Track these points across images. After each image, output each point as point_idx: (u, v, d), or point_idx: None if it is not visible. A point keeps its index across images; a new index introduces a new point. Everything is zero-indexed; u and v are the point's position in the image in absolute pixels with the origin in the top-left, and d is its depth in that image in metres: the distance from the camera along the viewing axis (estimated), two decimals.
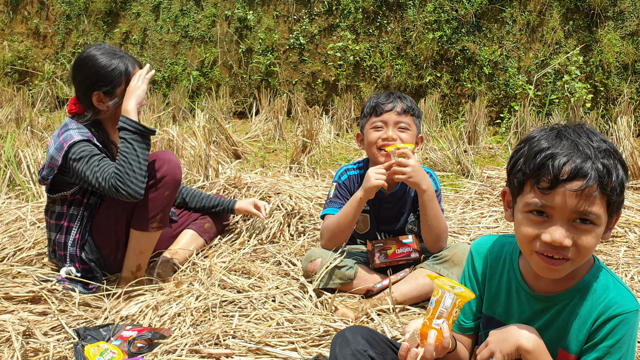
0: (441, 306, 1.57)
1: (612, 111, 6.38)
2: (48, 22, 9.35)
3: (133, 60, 2.84)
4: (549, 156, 1.43)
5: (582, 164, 1.40)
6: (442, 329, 1.56)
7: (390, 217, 2.92)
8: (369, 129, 2.85)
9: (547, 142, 1.46)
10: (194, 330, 2.35)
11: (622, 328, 1.51)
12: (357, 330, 1.79)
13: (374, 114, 2.85)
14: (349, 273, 2.73)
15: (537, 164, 1.44)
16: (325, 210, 2.90)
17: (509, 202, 1.61)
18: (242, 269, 2.96)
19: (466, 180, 4.81)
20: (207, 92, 7.93)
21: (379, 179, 2.64)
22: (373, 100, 2.88)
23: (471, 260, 1.81)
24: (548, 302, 1.62)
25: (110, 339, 2.31)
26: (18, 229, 3.38)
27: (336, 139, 6.45)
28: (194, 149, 4.51)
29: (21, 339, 2.26)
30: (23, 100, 7.74)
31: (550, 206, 1.43)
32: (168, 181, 2.77)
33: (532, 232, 1.48)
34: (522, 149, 1.52)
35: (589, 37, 6.53)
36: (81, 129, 2.76)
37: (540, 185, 1.44)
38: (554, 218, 1.44)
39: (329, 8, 7.45)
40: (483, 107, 6.27)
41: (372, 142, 2.82)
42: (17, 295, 2.65)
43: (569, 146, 1.43)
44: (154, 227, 2.79)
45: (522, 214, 1.50)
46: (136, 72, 2.80)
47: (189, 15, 8.21)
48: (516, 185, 1.51)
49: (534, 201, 1.46)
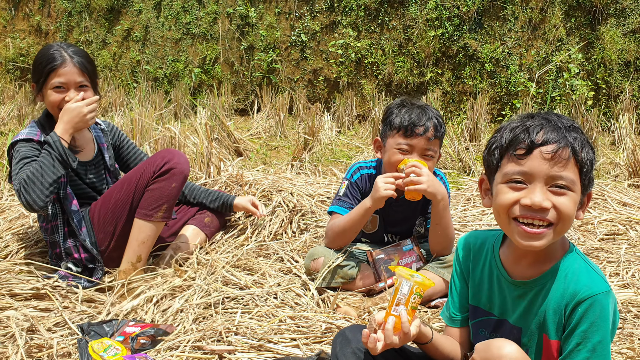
0: (399, 294, 1.66)
1: (613, 109, 6.38)
2: (50, 19, 9.35)
3: (70, 54, 2.80)
4: (524, 128, 1.54)
5: (554, 132, 1.51)
6: (401, 314, 1.63)
7: (400, 219, 2.91)
8: (393, 148, 2.69)
9: (519, 122, 1.58)
10: (196, 327, 2.36)
11: (593, 311, 1.53)
12: (358, 329, 1.82)
13: (402, 133, 2.67)
14: (352, 272, 2.73)
15: (513, 136, 1.54)
16: (333, 207, 2.87)
17: (487, 189, 1.68)
18: (244, 265, 2.97)
19: (467, 178, 4.82)
20: (208, 90, 7.93)
21: (388, 189, 2.60)
22: (405, 116, 2.67)
23: (457, 255, 1.87)
24: (525, 287, 1.66)
25: (113, 335, 2.33)
26: (21, 226, 3.40)
27: (338, 136, 6.45)
28: (196, 146, 4.52)
29: (25, 335, 2.28)
30: (25, 98, 7.74)
31: (528, 172, 1.51)
32: (176, 173, 2.82)
33: (511, 198, 1.54)
34: (495, 135, 1.63)
35: (591, 35, 6.53)
36: (33, 127, 2.81)
37: (516, 153, 1.53)
38: (531, 183, 1.52)
39: (330, 5, 7.45)
40: (485, 104, 6.27)
41: (394, 164, 2.68)
42: (22, 291, 2.66)
43: (541, 120, 1.55)
44: (159, 217, 2.82)
45: (501, 184, 1.57)
46: (65, 68, 2.77)
47: (190, 13, 8.21)
48: (494, 164, 1.59)
49: (512, 169, 1.54)
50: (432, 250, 2.78)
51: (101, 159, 3.06)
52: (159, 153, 2.90)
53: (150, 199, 2.80)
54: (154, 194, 2.80)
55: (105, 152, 3.08)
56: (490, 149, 1.62)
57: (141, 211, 2.81)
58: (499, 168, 1.58)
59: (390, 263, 2.76)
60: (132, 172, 2.90)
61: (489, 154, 1.62)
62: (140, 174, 2.83)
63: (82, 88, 2.81)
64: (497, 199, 1.58)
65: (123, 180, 2.89)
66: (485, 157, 1.65)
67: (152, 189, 2.80)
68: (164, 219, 2.86)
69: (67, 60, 2.77)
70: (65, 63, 2.76)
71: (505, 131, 1.58)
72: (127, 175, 2.90)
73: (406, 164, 2.62)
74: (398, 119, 2.69)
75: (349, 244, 2.86)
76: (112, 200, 2.85)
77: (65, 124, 2.70)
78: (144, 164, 2.88)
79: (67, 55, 2.78)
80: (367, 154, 5.65)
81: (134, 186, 2.82)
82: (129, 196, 2.82)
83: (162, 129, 5.19)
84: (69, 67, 2.77)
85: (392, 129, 2.71)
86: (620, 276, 2.93)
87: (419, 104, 2.75)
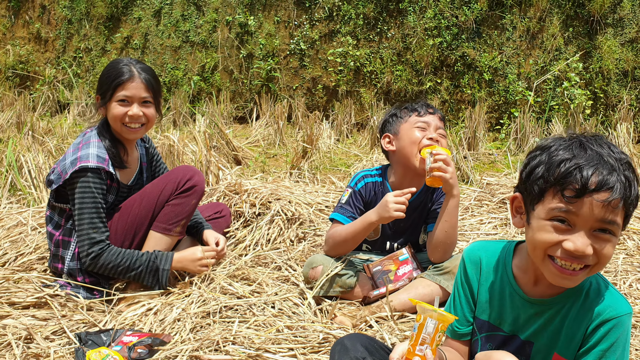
0: (424, 332, 1.58)
1: (611, 118, 6.40)
2: (49, 26, 9.37)
3: (139, 70, 2.85)
4: (576, 166, 1.43)
5: (609, 176, 1.41)
6: (426, 355, 1.57)
7: (404, 228, 2.90)
8: (411, 128, 2.78)
9: (569, 152, 1.46)
10: (193, 336, 2.36)
11: (616, 331, 1.53)
12: (357, 338, 1.81)
13: (415, 114, 2.80)
14: (350, 282, 2.73)
15: (563, 173, 1.44)
16: (335, 215, 2.85)
17: (519, 207, 1.61)
18: (242, 275, 2.97)
19: (466, 187, 4.83)
20: (207, 97, 7.95)
21: (398, 210, 2.59)
22: (412, 105, 2.85)
23: (463, 267, 1.82)
24: (542, 306, 1.64)
25: (111, 344, 2.33)
26: (19, 234, 3.40)
27: (336, 145, 6.46)
28: (195, 154, 4.52)
29: (22, 344, 2.28)
30: (24, 105, 7.75)
31: (575, 214, 1.43)
32: (197, 190, 2.88)
33: (553, 239, 1.47)
34: (539, 156, 1.52)
35: (589, 44, 6.55)
36: (100, 148, 2.79)
37: (565, 194, 1.43)
38: (576, 226, 1.44)
39: (329, 14, 7.47)
40: (483, 113, 6.29)
41: (416, 140, 2.75)
42: (20, 300, 2.66)
43: (594, 157, 1.44)
44: (176, 232, 2.87)
45: (543, 220, 1.49)
46: (133, 82, 2.82)
47: (190, 21, 8.23)
48: (536, 192, 1.50)
49: (558, 206, 1.45)
50: (431, 256, 2.75)
51: (139, 179, 3.07)
52: (178, 169, 2.95)
53: (171, 214, 2.83)
54: (175, 209, 2.83)
55: (145, 172, 3.11)
56: (533, 175, 1.51)
57: (160, 225, 2.84)
58: (541, 200, 1.50)
59: (388, 274, 2.75)
60: (150, 187, 2.91)
61: (530, 179, 1.52)
62: (161, 190, 2.86)
63: (146, 104, 2.86)
64: (537, 235, 1.50)
65: (142, 195, 2.90)
66: (524, 179, 1.56)
67: (173, 204, 2.84)
68: (180, 234, 2.91)
69: (135, 75, 2.82)
70: (133, 78, 2.81)
71: (553, 161, 1.47)
72: (145, 191, 2.91)
73: (435, 149, 2.65)
74: (405, 108, 2.85)
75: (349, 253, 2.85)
76: (131, 215, 2.85)
77: (182, 261, 2.82)
78: (163, 179, 2.90)
79: (136, 70, 2.83)
80: (366, 162, 5.65)
81: (155, 202, 2.85)
82: (149, 211, 2.84)
83: (161, 136, 5.20)
84: (136, 82, 2.82)
85: (404, 117, 2.83)
86: (618, 286, 2.94)
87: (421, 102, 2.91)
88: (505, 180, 4.79)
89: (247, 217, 3.61)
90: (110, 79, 2.81)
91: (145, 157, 3.14)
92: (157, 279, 2.75)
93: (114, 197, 2.90)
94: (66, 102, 8.60)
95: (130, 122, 2.83)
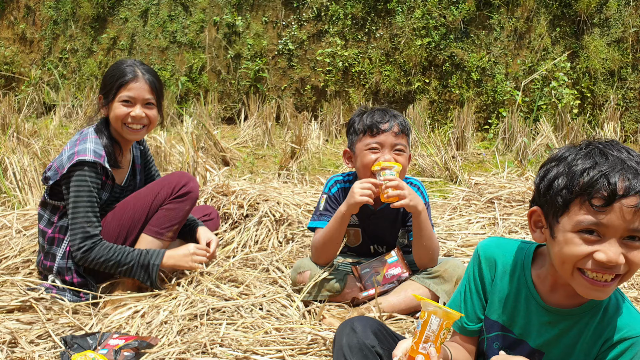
0: (427, 330, 1.55)
1: (598, 117, 6.44)
2: (35, 27, 9.30)
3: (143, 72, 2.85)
4: (600, 173, 1.38)
5: (634, 180, 1.37)
6: (430, 353, 1.53)
7: (380, 231, 2.87)
8: (363, 150, 2.67)
9: (590, 160, 1.42)
10: (181, 339, 2.34)
11: (632, 350, 1.52)
12: (367, 322, 1.74)
13: (368, 134, 2.66)
14: (338, 286, 2.71)
15: (588, 182, 1.39)
16: (314, 223, 2.82)
17: (538, 221, 1.56)
18: (230, 277, 2.95)
19: (454, 187, 4.83)
20: (195, 98, 7.91)
21: (364, 194, 2.54)
22: (367, 119, 2.68)
23: (478, 262, 1.76)
24: (558, 316, 1.61)
25: (97, 348, 2.30)
26: (4, 237, 3.35)
27: (325, 145, 6.45)
28: (182, 155, 4.50)
29: (6, 348, 2.24)
30: (9, 106, 7.67)
31: (605, 224, 1.38)
32: (192, 197, 2.89)
33: (584, 251, 1.42)
34: (555, 168, 1.48)
35: (576, 44, 6.59)
36: (98, 144, 2.79)
37: (594, 203, 1.38)
38: (606, 236, 1.40)
39: (317, 14, 7.47)
40: (471, 113, 6.31)
41: (368, 165, 2.64)
42: (4, 304, 2.62)
43: (616, 162, 1.40)
44: (168, 237, 2.87)
45: (570, 233, 1.44)
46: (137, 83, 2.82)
47: (177, 21, 8.19)
48: (560, 204, 1.44)
49: (587, 219, 1.40)
50: (418, 264, 2.73)
51: (132, 181, 3.05)
52: (174, 175, 2.94)
53: (164, 219, 2.83)
54: (168, 214, 2.83)
55: (138, 175, 3.09)
56: (553, 187, 1.46)
57: (152, 228, 2.83)
58: (566, 211, 1.44)
59: (376, 276, 2.74)
60: (145, 190, 2.90)
61: (551, 192, 1.47)
62: (156, 194, 2.85)
63: (149, 106, 2.85)
64: (566, 249, 1.45)
65: (136, 197, 2.88)
66: (543, 191, 1.50)
67: (167, 209, 2.83)
68: (171, 239, 2.91)
69: (139, 76, 2.82)
70: (137, 78, 2.81)
71: (575, 171, 1.42)
72: (140, 193, 2.90)
73: (380, 165, 2.57)
74: (361, 123, 2.70)
75: (335, 258, 2.82)
76: (125, 216, 2.84)
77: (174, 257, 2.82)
78: (159, 184, 2.90)
79: (140, 71, 2.83)
80: None
81: (149, 205, 2.85)
82: (142, 214, 2.84)
83: (148, 137, 5.16)
84: (140, 83, 2.81)
85: (358, 134, 2.71)
86: None
87: (378, 108, 2.77)
88: (493, 180, 4.79)
89: (235, 219, 3.59)
90: (114, 78, 2.81)
91: (140, 159, 3.13)
92: (148, 274, 2.74)
93: (108, 194, 2.88)
94: (52, 103, 8.53)
95: (132, 122, 2.83)
